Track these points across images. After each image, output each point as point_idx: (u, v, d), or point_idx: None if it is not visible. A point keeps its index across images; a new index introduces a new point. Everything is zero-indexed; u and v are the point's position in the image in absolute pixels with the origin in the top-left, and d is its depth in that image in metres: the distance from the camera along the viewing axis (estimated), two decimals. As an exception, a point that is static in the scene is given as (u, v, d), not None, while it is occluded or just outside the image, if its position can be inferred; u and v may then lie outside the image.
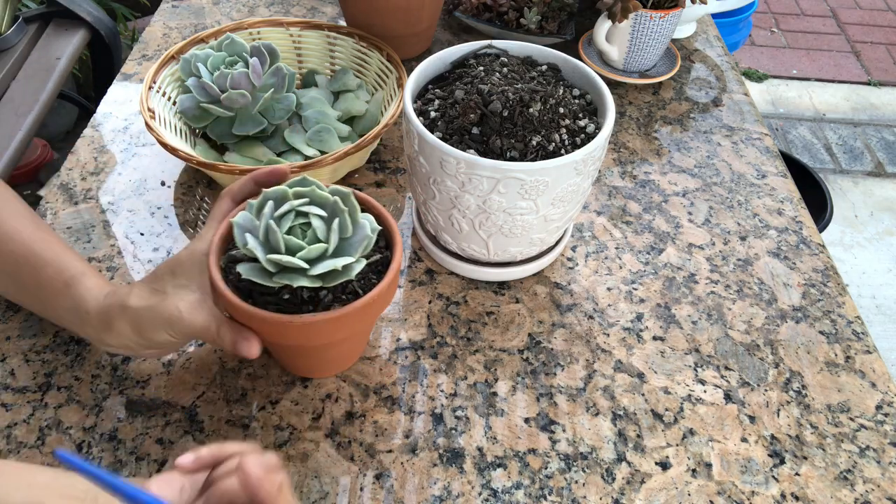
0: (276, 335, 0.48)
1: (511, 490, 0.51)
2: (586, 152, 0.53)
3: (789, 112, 2.31)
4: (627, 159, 0.80)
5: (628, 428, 0.55)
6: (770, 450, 0.54)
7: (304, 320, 0.45)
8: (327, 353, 0.55)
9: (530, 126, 0.55)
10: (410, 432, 0.54)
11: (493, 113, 0.55)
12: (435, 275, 0.66)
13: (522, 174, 0.52)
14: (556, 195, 0.55)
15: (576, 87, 0.61)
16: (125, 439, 0.53)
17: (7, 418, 0.54)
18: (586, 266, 0.67)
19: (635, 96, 0.89)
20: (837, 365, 0.60)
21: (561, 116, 0.56)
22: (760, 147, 0.82)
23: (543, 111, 0.56)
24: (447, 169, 0.53)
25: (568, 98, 0.58)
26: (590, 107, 0.60)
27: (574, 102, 0.59)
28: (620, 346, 0.61)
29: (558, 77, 0.61)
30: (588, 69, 0.60)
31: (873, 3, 2.82)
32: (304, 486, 0.51)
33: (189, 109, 0.73)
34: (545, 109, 0.56)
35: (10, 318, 0.61)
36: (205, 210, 0.71)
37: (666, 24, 0.83)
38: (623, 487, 0.52)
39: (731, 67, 0.95)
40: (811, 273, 0.68)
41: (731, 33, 1.80)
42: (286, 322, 0.46)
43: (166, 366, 0.58)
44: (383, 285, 0.48)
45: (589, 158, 0.54)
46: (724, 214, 0.74)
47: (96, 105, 0.84)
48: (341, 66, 0.83)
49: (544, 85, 0.58)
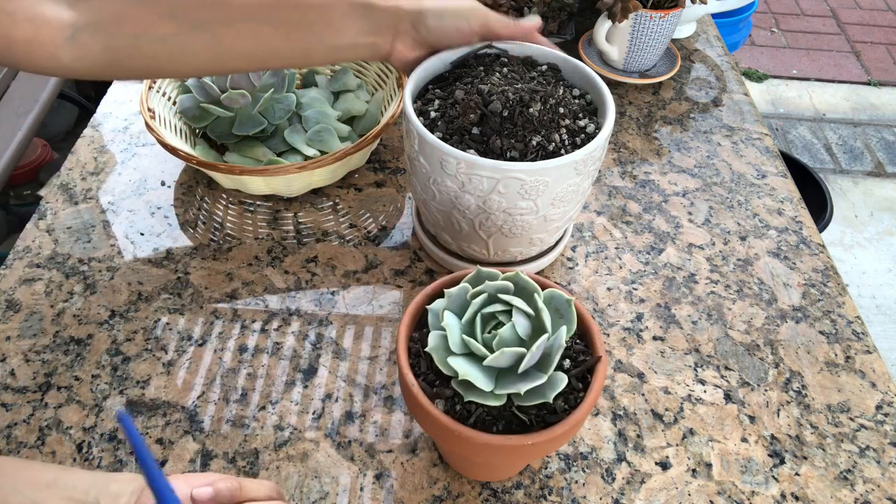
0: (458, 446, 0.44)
1: (511, 490, 0.51)
2: (586, 152, 0.53)
3: (789, 112, 2.31)
4: (627, 159, 0.80)
5: (628, 428, 0.55)
6: (770, 450, 0.54)
7: (487, 440, 0.41)
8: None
9: (530, 126, 0.55)
10: (410, 432, 0.54)
11: (492, 113, 0.55)
12: (435, 275, 0.66)
13: (522, 174, 0.52)
14: (556, 195, 0.55)
15: (576, 87, 0.61)
16: (125, 439, 0.53)
17: (7, 418, 0.54)
18: (586, 266, 0.67)
19: (635, 96, 0.89)
20: (837, 365, 0.60)
21: (561, 116, 0.56)
22: (760, 147, 0.82)
23: (543, 111, 0.56)
24: (447, 169, 0.53)
25: (568, 98, 0.58)
26: (590, 107, 0.60)
27: (574, 102, 0.59)
28: (620, 345, 0.61)
29: (558, 77, 0.61)
30: (588, 69, 0.60)
31: (873, 3, 2.82)
32: (304, 486, 0.51)
33: (189, 109, 0.73)
34: (545, 109, 0.56)
35: (10, 318, 0.61)
36: (205, 210, 0.71)
37: (666, 24, 0.83)
38: (623, 487, 0.52)
39: (731, 67, 0.95)
40: (811, 273, 0.68)
41: (731, 33, 1.80)
42: (471, 438, 0.41)
43: (166, 366, 0.58)
44: (584, 409, 0.43)
45: (589, 158, 0.54)
46: (724, 214, 0.74)
47: (96, 105, 0.84)
48: (341, 65, 0.83)
49: (544, 85, 0.58)
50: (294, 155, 0.73)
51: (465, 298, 0.45)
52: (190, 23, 0.49)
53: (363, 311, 0.63)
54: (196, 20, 0.50)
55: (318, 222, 0.71)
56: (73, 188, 0.73)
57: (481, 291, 0.44)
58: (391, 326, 0.61)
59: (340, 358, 0.59)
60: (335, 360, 0.59)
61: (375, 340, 0.60)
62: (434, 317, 0.45)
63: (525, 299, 0.44)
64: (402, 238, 0.69)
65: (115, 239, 0.68)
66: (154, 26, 0.49)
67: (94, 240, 0.68)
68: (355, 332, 0.61)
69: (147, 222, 0.70)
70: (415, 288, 0.65)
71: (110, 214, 0.70)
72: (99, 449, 0.52)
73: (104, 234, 0.68)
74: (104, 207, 0.71)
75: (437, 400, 0.43)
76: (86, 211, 0.71)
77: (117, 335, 0.60)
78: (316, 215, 0.71)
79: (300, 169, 0.65)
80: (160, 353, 0.59)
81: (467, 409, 0.43)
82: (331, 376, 0.58)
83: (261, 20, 0.51)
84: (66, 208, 0.71)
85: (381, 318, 0.62)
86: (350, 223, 0.71)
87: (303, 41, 0.52)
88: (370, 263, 0.67)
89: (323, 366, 0.58)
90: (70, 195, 0.72)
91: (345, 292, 0.64)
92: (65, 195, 0.72)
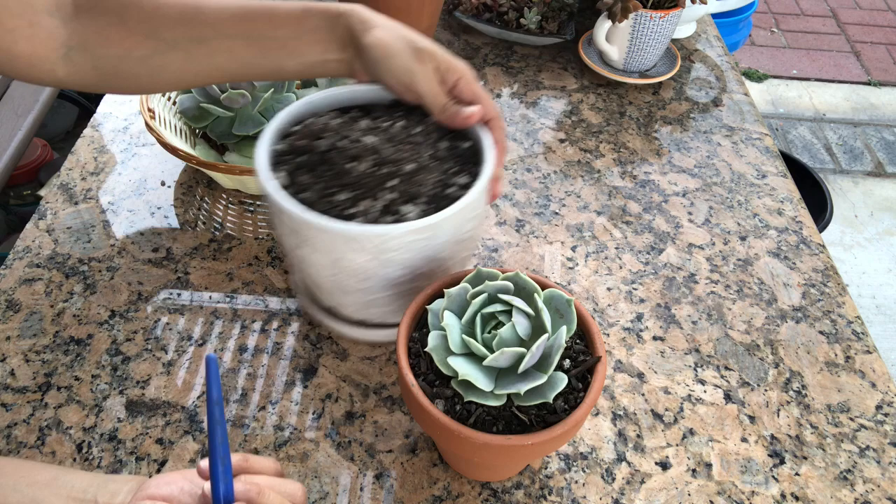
0: (456, 444, 0.44)
1: (511, 490, 0.51)
2: (440, 218, 0.47)
3: (789, 112, 2.31)
4: (627, 159, 0.80)
5: (628, 428, 0.55)
6: (770, 450, 0.54)
7: (487, 440, 0.41)
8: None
9: (386, 185, 0.49)
10: (410, 432, 0.54)
11: (343, 170, 0.49)
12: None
13: (369, 238, 0.46)
14: (407, 259, 0.49)
15: (461, 134, 0.55)
16: (125, 439, 0.53)
17: (7, 418, 0.54)
18: (586, 266, 0.67)
19: (635, 96, 0.89)
20: (837, 365, 0.60)
21: (419, 173, 0.50)
22: (760, 147, 0.82)
23: (403, 170, 0.50)
24: (291, 225, 0.48)
25: (440, 151, 0.52)
26: (474, 157, 0.53)
27: (446, 154, 0.52)
28: (620, 345, 0.61)
29: (430, 124, 0.54)
30: (479, 133, 0.54)
31: (873, 3, 2.82)
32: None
33: (189, 109, 0.73)
34: (406, 168, 0.50)
35: (10, 318, 0.61)
36: (205, 210, 0.71)
37: (666, 24, 0.83)
38: (623, 487, 0.52)
39: (731, 67, 0.95)
40: (811, 273, 0.68)
41: (731, 33, 1.80)
42: (469, 437, 0.41)
43: (166, 366, 0.58)
44: (585, 408, 0.42)
45: (444, 223, 0.47)
46: (724, 214, 0.74)
47: (96, 105, 0.84)
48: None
49: (411, 141, 0.52)
50: (294, 155, 0.73)
51: (465, 298, 0.45)
52: (166, 42, 0.51)
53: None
54: (171, 39, 0.51)
55: (318, 222, 0.70)
56: (73, 188, 0.73)
57: (481, 291, 0.44)
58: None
59: (340, 358, 0.59)
60: (335, 360, 0.59)
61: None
62: (434, 317, 0.45)
63: (525, 299, 0.44)
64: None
65: (115, 239, 0.68)
66: (135, 47, 0.51)
67: (94, 240, 0.68)
68: (355, 332, 0.61)
69: (147, 222, 0.70)
70: (415, 288, 0.65)
71: (110, 214, 0.70)
72: (99, 449, 0.52)
73: (104, 234, 0.68)
74: (104, 207, 0.71)
75: (437, 400, 0.43)
76: (86, 211, 0.71)
77: (117, 335, 0.60)
78: (316, 215, 0.71)
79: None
80: (160, 353, 0.59)
81: (467, 409, 0.43)
82: (331, 376, 0.58)
83: (233, 37, 0.52)
84: (66, 208, 0.71)
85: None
86: (350, 223, 0.71)
87: (274, 57, 0.53)
88: (370, 263, 0.67)
89: (323, 366, 0.58)
90: (70, 195, 0.72)
91: (345, 292, 0.64)
92: (65, 195, 0.72)
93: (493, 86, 0.90)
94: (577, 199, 0.74)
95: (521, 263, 0.67)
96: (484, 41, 0.97)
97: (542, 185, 0.76)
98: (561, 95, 0.88)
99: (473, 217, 0.51)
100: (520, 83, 0.90)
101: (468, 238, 0.52)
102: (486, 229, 0.70)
